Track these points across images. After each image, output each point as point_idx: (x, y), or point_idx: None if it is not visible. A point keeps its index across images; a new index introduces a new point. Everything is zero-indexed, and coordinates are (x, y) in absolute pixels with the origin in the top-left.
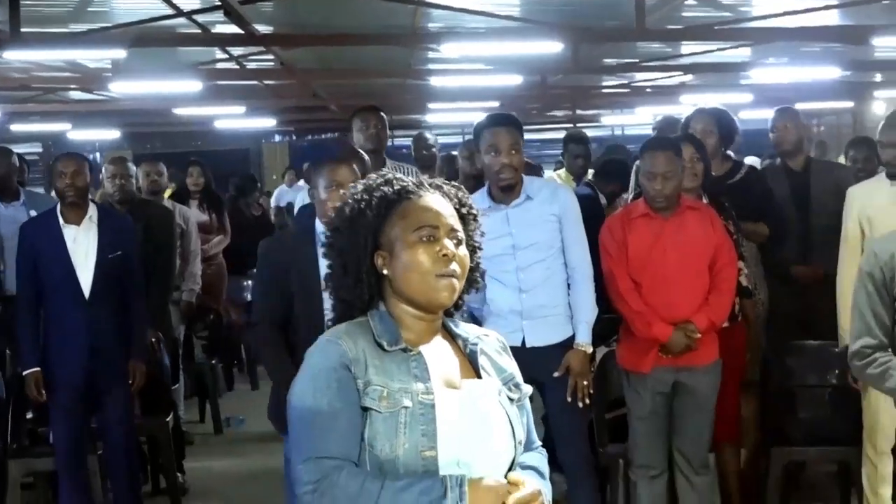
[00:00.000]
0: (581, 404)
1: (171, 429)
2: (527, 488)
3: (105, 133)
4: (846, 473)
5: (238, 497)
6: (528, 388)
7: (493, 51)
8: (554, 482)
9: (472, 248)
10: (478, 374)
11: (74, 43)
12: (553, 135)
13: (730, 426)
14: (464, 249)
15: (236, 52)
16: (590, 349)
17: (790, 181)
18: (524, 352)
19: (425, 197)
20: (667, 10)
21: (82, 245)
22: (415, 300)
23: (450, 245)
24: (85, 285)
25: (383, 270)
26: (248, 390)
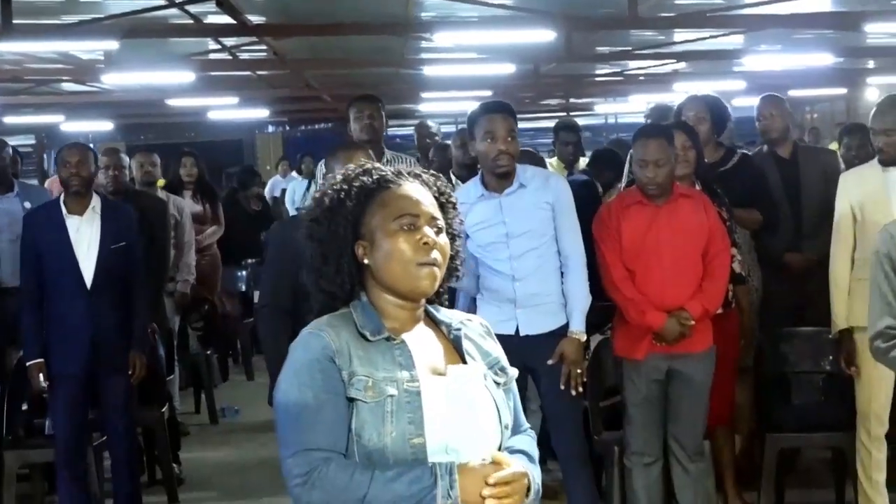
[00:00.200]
0: (574, 392)
1: (166, 420)
2: (510, 468)
3: (98, 125)
4: (840, 459)
5: (234, 487)
6: (514, 372)
7: (486, 40)
8: (549, 470)
9: (451, 236)
10: (463, 360)
11: (67, 34)
12: (546, 123)
13: (724, 413)
14: (444, 238)
15: (229, 42)
16: (584, 337)
17: (779, 169)
18: (518, 340)
19: (405, 186)
20: None
21: (85, 235)
22: (396, 289)
23: (430, 233)
24: (87, 276)
25: (364, 260)
26: (243, 381)
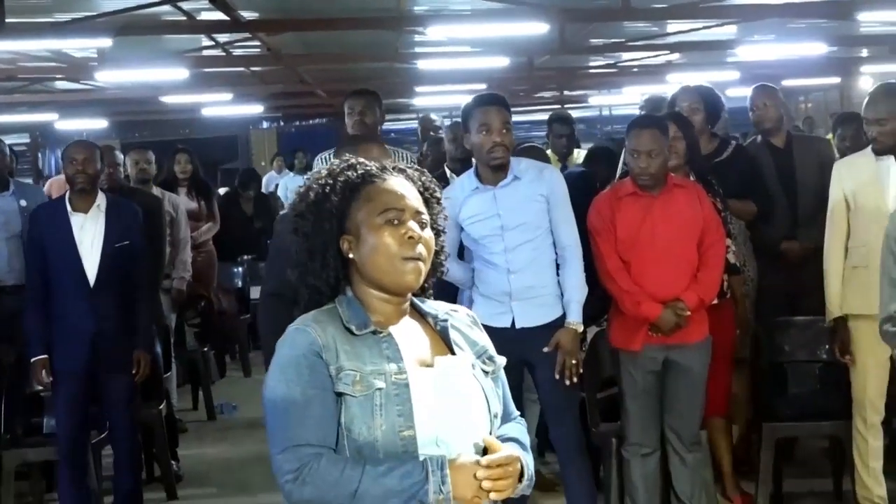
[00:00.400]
0: (568, 382)
1: (164, 417)
2: (502, 452)
3: (92, 122)
4: (838, 448)
5: (232, 483)
6: (502, 360)
7: (480, 33)
8: (547, 462)
9: (436, 231)
10: (451, 350)
11: (59, 32)
12: (540, 116)
13: (720, 403)
14: (429, 232)
15: (222, 38)
16: (580, 328)
17: (774, 159)
18: (514, 333)
19: (389, 180)
20: None
21: (89, 233)
22: (381, 283)
23: (415, 227)
24: (90, 273)
25: (349, 255)
26: (240, 377)
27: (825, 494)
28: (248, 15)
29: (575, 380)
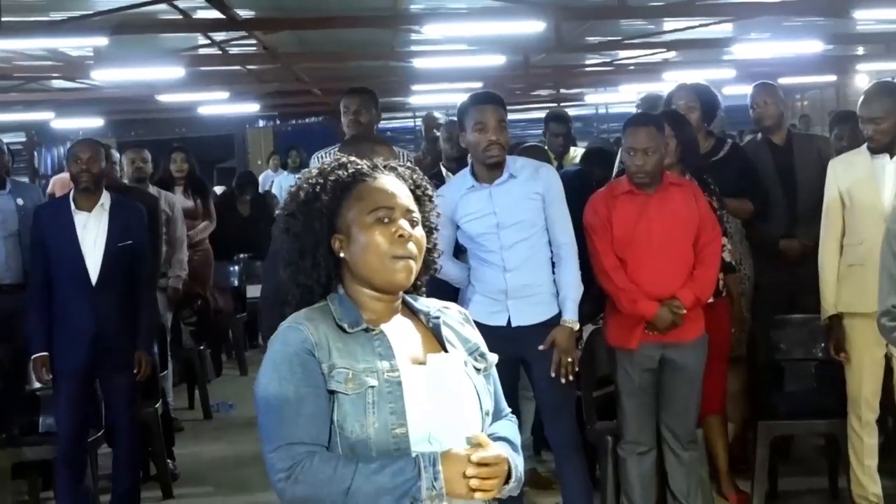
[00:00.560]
0: (564, 380)
1: (160, 415)
2: (491, 450)
3: (88, 121)
4: (834, 446)
5: (228, 482)
6: (494, 357)
7: (476, 31)
8: (543, 460)
9: (428, 229)
10: (443, 348)
11: (55, 31)
12: (537, 114)
13: (716, 401)
14: (420, 230)
15: (218, 37)
16: (576, 326)
17: (774, 156)
18: (510, 331)
19: (380, 179)
20: None
21: (92, 232)
22: (372, 282)
23: (406, 226)
24: (92, 272)
25: (340, 254)
26: (236, 376)
27: (821, 492)
28: (244, 13)
29: (571, 378)
